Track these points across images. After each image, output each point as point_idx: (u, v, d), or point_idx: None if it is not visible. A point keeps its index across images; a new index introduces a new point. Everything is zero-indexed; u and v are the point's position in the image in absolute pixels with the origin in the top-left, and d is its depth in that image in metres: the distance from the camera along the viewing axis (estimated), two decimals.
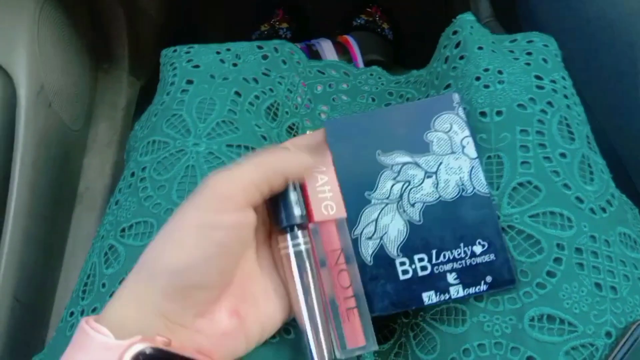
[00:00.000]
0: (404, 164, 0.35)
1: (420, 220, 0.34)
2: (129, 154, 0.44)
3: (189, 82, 0.42)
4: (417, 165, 0.35)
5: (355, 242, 0.34)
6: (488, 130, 0.36)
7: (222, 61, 0.44)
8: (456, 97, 0.35)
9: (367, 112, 0.36)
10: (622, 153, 0.57)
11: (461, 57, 0.39)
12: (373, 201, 0.34)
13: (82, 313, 0.35)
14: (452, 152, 0.35)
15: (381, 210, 0.34)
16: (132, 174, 0.40)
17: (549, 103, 0.37)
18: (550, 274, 0.32)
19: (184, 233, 0.26)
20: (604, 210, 0.35)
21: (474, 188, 0.34)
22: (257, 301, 0.30)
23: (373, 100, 0.48)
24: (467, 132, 0.35)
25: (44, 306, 0.61)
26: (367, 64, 0.76)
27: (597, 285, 0.32)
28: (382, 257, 0.33)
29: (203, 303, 0.28)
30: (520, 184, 0.34)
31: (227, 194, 0.27)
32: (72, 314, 0.36)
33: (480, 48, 0.39)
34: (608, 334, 0.31)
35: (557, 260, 0.32)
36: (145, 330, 0.25)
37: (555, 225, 0.33)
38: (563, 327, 0.31)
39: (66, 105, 0.63)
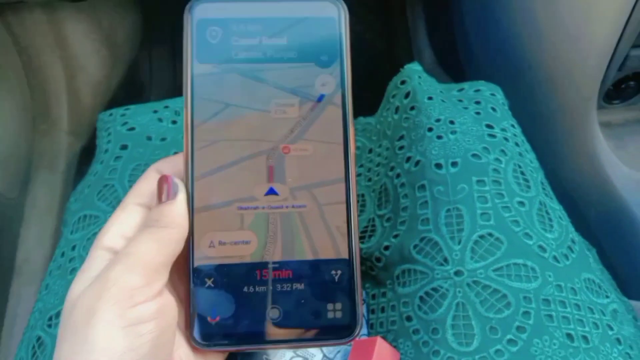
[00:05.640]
0: None
1: None
2: (62, 230, 0.41)
3: (123, 147, 0.40)
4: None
5: None
6: (445, 182, 0.35)
7: (159, 120, 0.42)
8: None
9: None
10: (575, 196, 0.58)
11: (412, 108, 0.39)
12: None
13: None
14: None
15: None
16: (62, 254, 0.37)
17: (502, 151, 0.36)
18: (520, 329, 0.31)
19: (109, 337, 0.21)
20: (566, 257, 0.34)
21: None
22: None
23: None
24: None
25: None
26: None
27: (569, 335, 0.31)
28: None
29: None
30: (482, 237, 0.33)
31: (141, 283, 0.22)
32: None
33: (430, 98, 0.38)
34: None
35: (526, 314, 0.31)
36: None
37: (520, 277, 0.32)
38: None
39: (0, 173, 0.59)
